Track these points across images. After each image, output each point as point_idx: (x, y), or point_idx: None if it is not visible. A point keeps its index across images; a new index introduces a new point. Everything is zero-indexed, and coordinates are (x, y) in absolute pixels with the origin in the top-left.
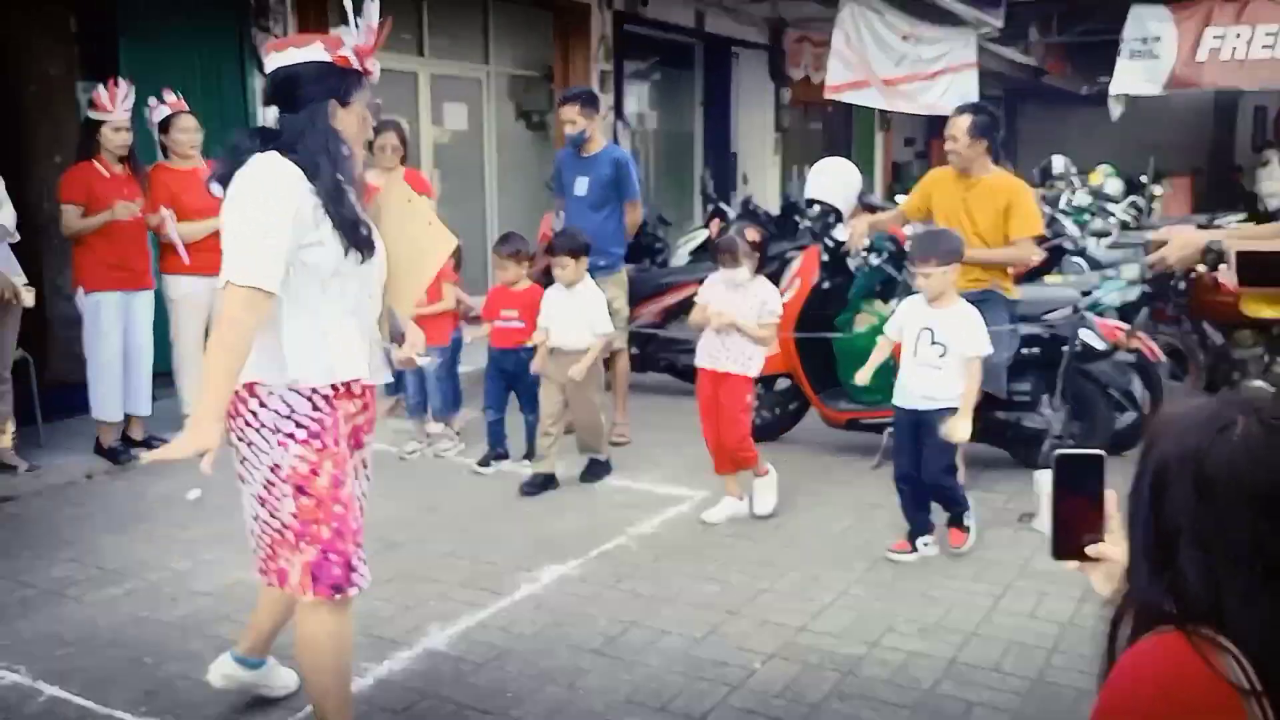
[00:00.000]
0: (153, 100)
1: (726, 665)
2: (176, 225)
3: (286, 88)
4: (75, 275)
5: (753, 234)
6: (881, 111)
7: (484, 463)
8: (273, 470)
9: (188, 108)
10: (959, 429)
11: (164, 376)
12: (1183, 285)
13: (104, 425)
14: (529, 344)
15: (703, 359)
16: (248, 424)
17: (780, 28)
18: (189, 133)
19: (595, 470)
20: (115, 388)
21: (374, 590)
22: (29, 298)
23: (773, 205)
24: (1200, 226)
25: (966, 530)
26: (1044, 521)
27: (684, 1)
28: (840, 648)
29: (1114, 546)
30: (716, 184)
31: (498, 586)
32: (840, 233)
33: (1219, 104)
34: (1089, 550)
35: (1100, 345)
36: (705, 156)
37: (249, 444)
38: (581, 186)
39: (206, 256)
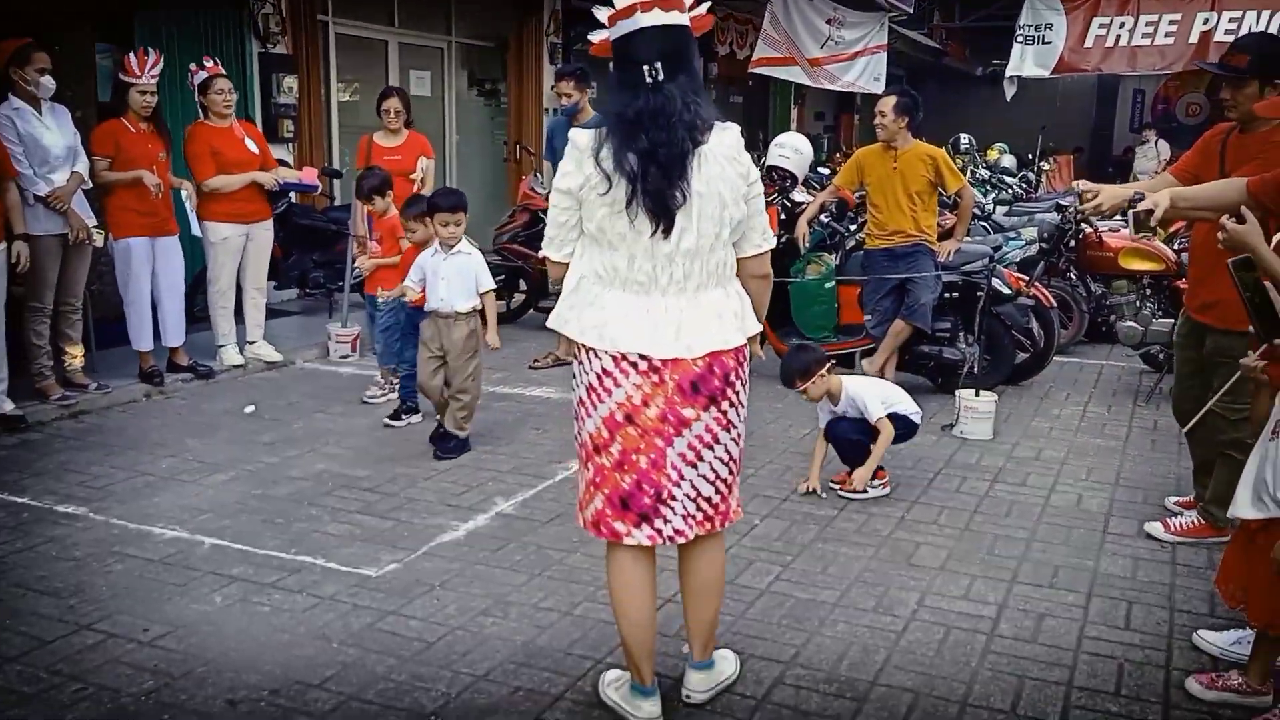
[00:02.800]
0: (193, 66)
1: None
2: (206, 185)
3: (685, 46)
4: (106, 222)
5: None
6: (797, 88)
7: (395, 416)
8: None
9: (223, 72)
10: (859, 478)
11: None
12: (1073, 244)
13: (143, 354)
14: (393, 297)
15: None
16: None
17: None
18: (223, 94)
19: (447, 446)
20: (147, 320)
21: (440, 475)
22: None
23: None
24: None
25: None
26: (972, 424)
27: None
28: (818, 511)
29: None
30: None
31: (540, 472)
32: (797, 194)
33: (1101, 87)
34: None
35: (1007, 291)
36: None
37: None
38: None
39: (241, 206)
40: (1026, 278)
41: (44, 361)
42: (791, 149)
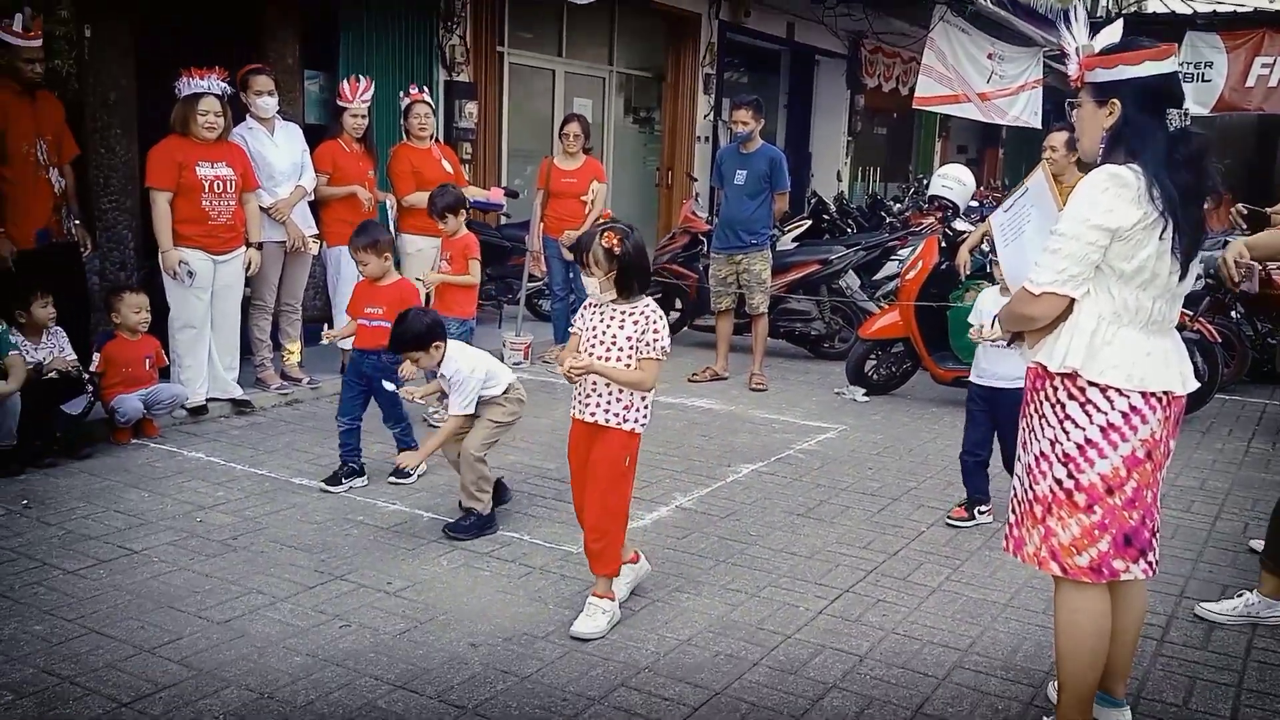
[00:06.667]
0: (401, 92)
1: (900, 527)
2: (405, 201)
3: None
4: (322, 231)
5: (611, 238)
6: (943, 120)
7: (333, 480)
8: None
9: (425, 99)
10: None
11: None
12: None
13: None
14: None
15: (574, 404)
16: None
17: (858, 39)
18: (419, 118)
19: (464, 526)
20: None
21: None
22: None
23: (834, 204)
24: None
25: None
26: None
27: (779, 13)
28: (982, 521)
29: None
30: (794, 181)
31: (712, 474)
32: (959, 224)
33: (1261, 129)
34: None
35: None
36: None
37: None
38: (741, 178)
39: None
40: (1191, 313)
41: (265, 354)
42: (955, 180)
